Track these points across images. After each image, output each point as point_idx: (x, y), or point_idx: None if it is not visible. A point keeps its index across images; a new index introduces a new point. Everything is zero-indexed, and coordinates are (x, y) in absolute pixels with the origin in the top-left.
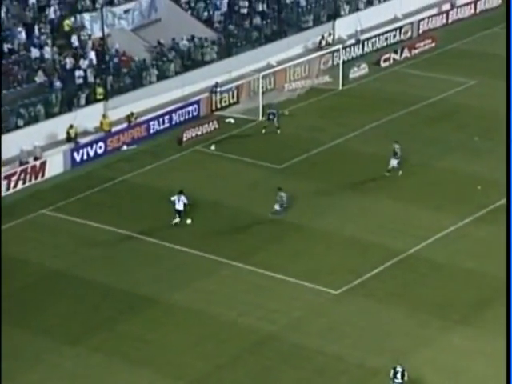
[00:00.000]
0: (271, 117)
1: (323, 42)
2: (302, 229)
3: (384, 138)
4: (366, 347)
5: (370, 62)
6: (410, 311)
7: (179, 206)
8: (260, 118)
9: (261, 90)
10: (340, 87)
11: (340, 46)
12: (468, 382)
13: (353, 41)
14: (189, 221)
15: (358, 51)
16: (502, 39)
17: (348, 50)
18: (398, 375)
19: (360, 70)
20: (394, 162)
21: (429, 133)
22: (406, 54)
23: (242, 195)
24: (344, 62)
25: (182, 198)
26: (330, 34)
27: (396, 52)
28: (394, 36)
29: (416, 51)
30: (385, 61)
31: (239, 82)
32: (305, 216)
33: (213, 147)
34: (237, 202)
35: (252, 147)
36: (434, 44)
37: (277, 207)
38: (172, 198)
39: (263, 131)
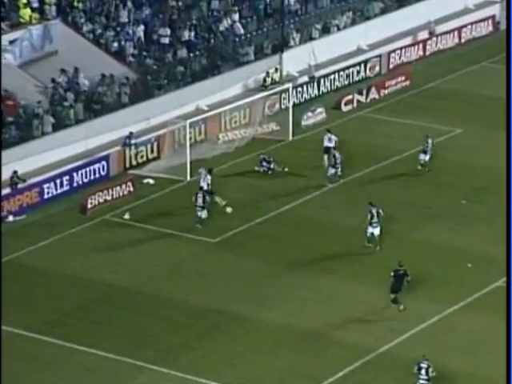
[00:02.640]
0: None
1: (268, 80)
2: (242, 321)
3: (347, 202)
4: None
5: (327, 106)
6: None
7: (203, 183)
8: (188, 177)
9: (188, 142)
10: (290, 137)
11: (289, 86)
12: None
13: (306, 78)
14: (229, 209)
15: (312, 91)
16: (493, 76)
17: (300, 90)
18: (423, 371)
19: (315, 116)
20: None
21: (404, 196)
22: (373, 94)
23: (164, 279)
24: (295, 105)
25: (208, 177)
26: (276, 70)
27: (361, 93)
28: (358, 72)
29: (386, 91)
30: (346, 104)
31: (160, 132)
32: (246, 305)
33: (127, 216)
34: (157, 288)
35: (178, 216)
36: (408, 82)
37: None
38: (199, 170)
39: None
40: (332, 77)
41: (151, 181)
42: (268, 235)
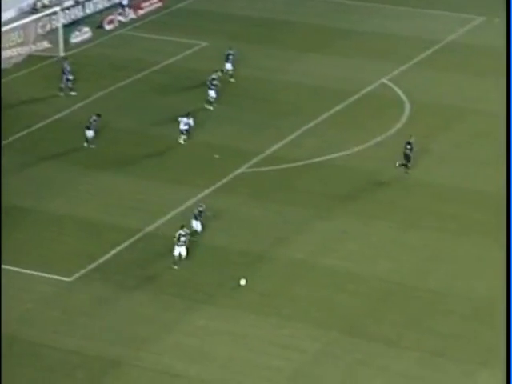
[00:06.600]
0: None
1: (39, 4)
2: (29, 213)
3: (115, 108)
4: (105, 338)
5: (92, 26)
6: (152, 295)
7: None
8: None
9: None
10: (61, 53)
11: (58, 8)
12: (214, 364)
13: (71, 2)
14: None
15: (78, 13)
16: None
17: (67, 12)
18: (182, 238)
19: (82, 35)
20: (89, 133)
21: (161, 101)
22: (131, 15)
23: None
24: (64, 25)
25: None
26: None
27: (121, 14)
28: None
29: (142, 12)
30: (109, 23)
31: None
32: (31, 199)
33: None
34: None
35: None
36: (160, 4)
37: None
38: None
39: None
40: (95, 0)
41: None
42: (47, 139)
